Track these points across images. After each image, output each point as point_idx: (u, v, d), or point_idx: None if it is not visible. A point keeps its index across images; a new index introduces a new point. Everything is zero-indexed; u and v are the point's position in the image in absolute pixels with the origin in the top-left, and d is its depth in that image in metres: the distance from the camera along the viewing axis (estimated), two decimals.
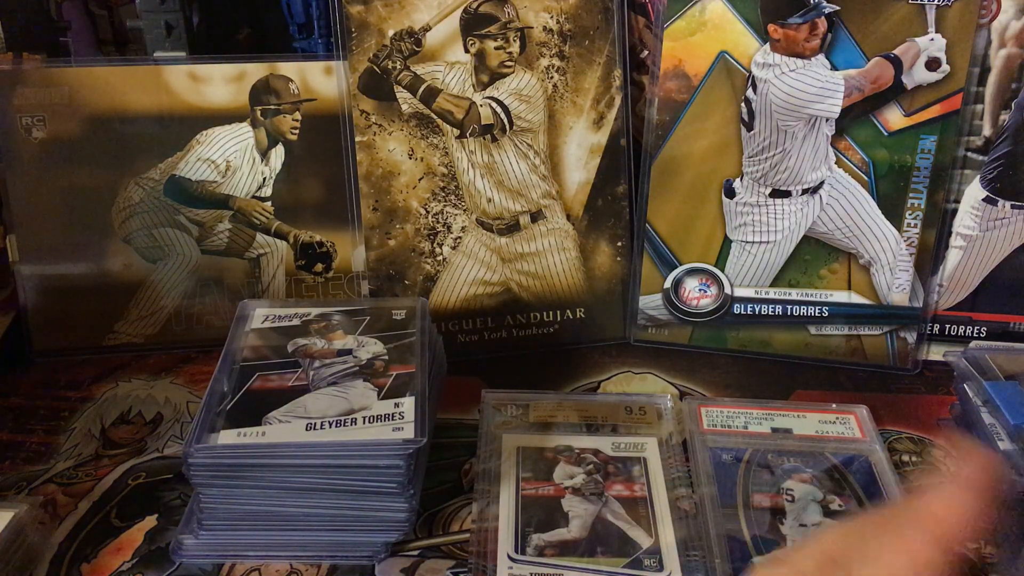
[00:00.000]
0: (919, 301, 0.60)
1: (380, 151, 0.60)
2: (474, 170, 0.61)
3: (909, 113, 0.58)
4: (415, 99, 0.59)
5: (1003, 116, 0.57)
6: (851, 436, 0.52)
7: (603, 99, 0.61)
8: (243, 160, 0.61)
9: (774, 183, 0.60)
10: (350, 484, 0.43)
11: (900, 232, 0.60)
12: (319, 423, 0.43)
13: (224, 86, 0.60)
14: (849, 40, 0.57)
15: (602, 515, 0.45)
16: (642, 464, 0.49)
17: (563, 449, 0.50)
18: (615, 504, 0.46)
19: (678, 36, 0.59)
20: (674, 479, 0.48)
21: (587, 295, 0.63)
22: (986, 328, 0.61)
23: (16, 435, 0.54)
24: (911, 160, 0.58)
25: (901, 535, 0.30)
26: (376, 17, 0.59)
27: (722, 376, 0.60)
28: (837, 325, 0.61)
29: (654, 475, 0.48)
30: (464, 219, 0.61)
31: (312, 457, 0.42)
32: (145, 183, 0.61)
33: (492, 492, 0.47)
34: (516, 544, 0.44)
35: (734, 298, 0.62)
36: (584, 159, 0.62)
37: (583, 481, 0.48)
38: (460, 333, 0.62)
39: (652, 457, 0.50)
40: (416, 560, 0.44)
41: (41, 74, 0.59)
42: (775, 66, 0.58)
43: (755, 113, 0.59)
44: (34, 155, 0.59)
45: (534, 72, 0.60)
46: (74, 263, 0.61)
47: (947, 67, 0.57)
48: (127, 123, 0.60)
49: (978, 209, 0.59)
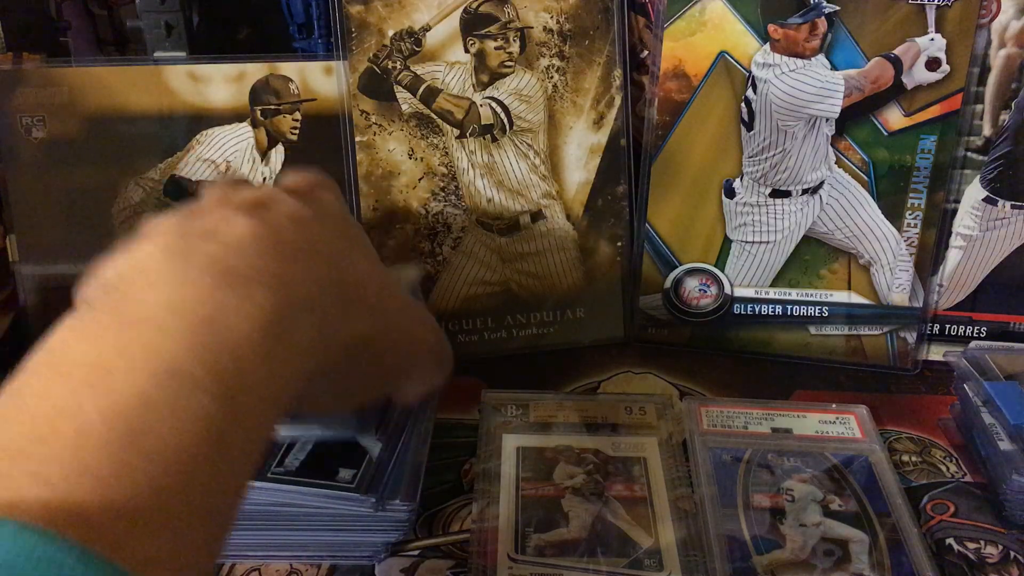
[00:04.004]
0: (919, 301, 0.60)
1: (380, 151, 0.60)
2: (474, 170, 0.61)
3: (909, 113, 0.58)
4: (415, 99, 0.59)
5: (1003, 116, 0.57)
6: (851, 436, 0.52)
7: (603, 99, 0.61)
8: (243, 160, 0.61)
9: (774, 183, 0.60)
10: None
11: (900, 232, 0.60)
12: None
13: (224, 86, 0.60)
14: (849, 40, 0.57)
15: (602, 515, 0.46)
16: (642, 464, 0.49)
17: (563, 449, 0.50)
18: (615, 504, 0.46)
19: (678, 36, 0.59)
20: (674, 479, 0.48)
21: (587, 295, 0.63)
22: (986, 328, 0.61)
23: None
24: (911, 160, 0.58)
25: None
26: (376, 17, 0.59)
27: (722, 376, 0.60)
28: (837, 325, 0.61)
29: (654, 475, 0.48)
30: (464, 219, 0.61)
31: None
32: (145, 183, 0.61)
33: (492, 492, 0.47)
34: (516, 544, 0.44)
35: (734, 298, 0.62)
36: (584, 159, 0.62)
37: (583, 481, 0.48)
38: (460, 333, 0.62)
39: (652, 457, 0.50)
40: (416, 560, 0.44)
41: (41, 74, 0.59)
42: (775, 66, 0.58)
43: (755, 113, 0.59)
44: (34, 155, 0.59)
45: (534, 72, 0.60)
46: (74, 263, 0.61)
47: (947, 67, 0.57)
48: (127, 123, 0.60)
49: (978, 209, 0.59)
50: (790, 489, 0.48)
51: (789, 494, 0.47)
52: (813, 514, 0.46)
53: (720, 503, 0.46)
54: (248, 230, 0.30)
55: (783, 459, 0.50)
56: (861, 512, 0.46)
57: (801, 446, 0.51)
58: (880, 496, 0.47)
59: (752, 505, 0.46)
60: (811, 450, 0.50)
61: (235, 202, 0.32)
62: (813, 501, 0.47)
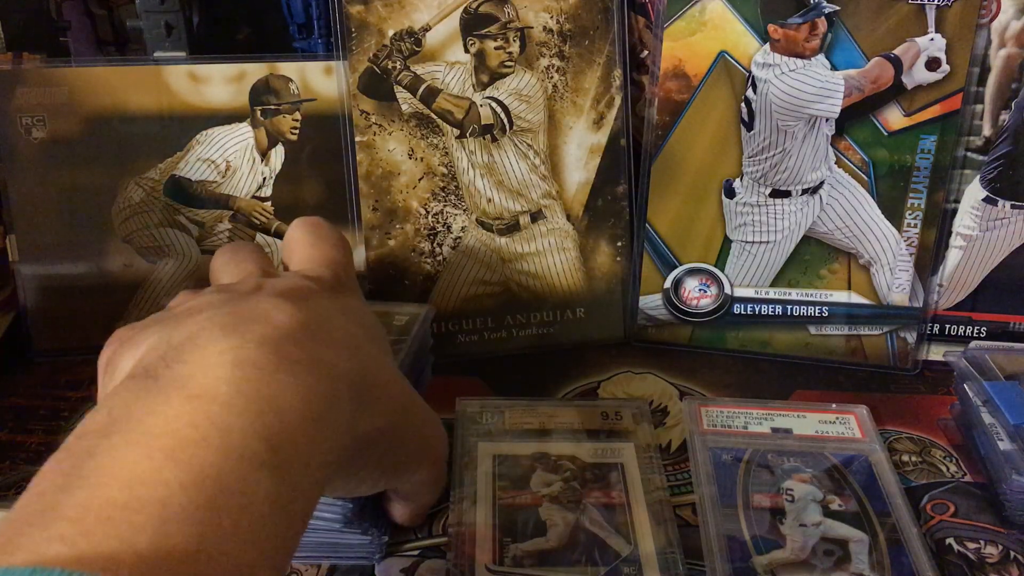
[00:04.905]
0: (919, 301, 0.60)
1: (380, 151, 0.60)
2: (474, 170, 0.61)
3: (909, 113, 0.58)
4: (415, 99, 0.59)
5: (1003, 116, 0.57)
6: (851, 436, 0.52)
7: (603, 99, 0.61)
8: (243, 160, 0.61)
9: (774, 183, 0.60)
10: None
11: (900, 232, 0.60)
12: None
13: (224, 86, 0.60)
14: (849, 40, 0.57)
15: (580, 523, 0.45)
16: (619, 470, 0.49)
17: (539, 456, 0.50)
18: (593, 511, 0.46)
19: (678, 36, 0.59)
20: (650, 479, 0.48)
21: (587, 295, 0.63)
22: (986, 328, 0.61)
23: (16, 435, 0.54)
24: (911, 160, 0.58)
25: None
26: (376, 17, 0.59)
27: (722, 376, 0.60)
28: (837, 325, 0.61)
29: (632, 481, 0.48)
30: (464, 219, 0.61)
31: None
32: (145, 183, 0.61)
33: (468, 501, 0.46)
34: (494, 554, 0.43)
35: (734, 298, 0.62)
36: (584, 159, 0.62)
37: (560, 488, 0.47)
38: (460, 333, 0.62)
39: (629, 463, 0.49)
40: (416, 560, 0.44)
41: (41, 74, 0.59)
42: (775, 66, 0.58)
43: (755, 113, 0.59)
44: (34, 155, 0.59)
45: (534, 72, 0.60)
46: (74, 263, 0.61)
47: (947, 67, 0.57)
48: (127, 123, 0.60)
49: (978, 209, 0.59)
50: (790, 489, 0.48)
51: (789, 494, 0.47)
52: (813, 514, 0.46)
53: (720, 503, 0.46)
54: (296, 318, 0.32)
55: (783, 459, 0.50)
56: (861, 512, 0.46)
57: (801, 446, 0.51)
58: (880, 496, 0.47)
59: (752, 505, 0.46)
60: (811, 450, 0.50)
61: (278, 289, 0.34)
62: (813, 501, 0.47)
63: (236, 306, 0.33)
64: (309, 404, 0.29)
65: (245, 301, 0.33)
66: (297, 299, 0.34)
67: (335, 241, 0.42)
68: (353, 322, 0.36)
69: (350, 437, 0.32)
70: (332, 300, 0.37)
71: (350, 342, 0.34)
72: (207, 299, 0.34)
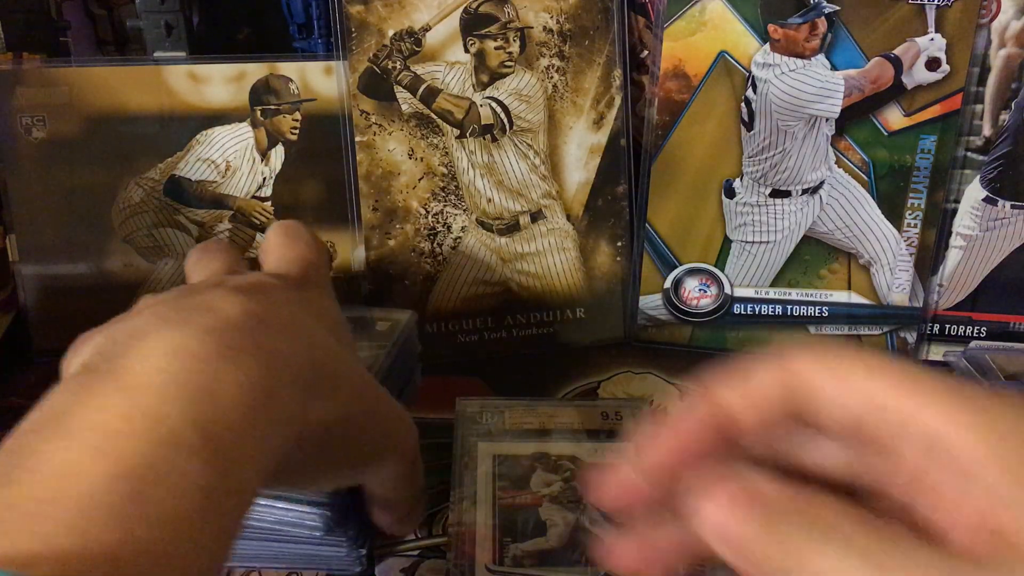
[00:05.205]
0: (919, 301, 0.60)
1: (380, 151, 0.60)
2: (474, 170, 0.61)
3: (909, 113, 0.58)
4: (415, 99, 0.59)
5: (1003, 116, 0.57)
6: None
7: (603, 99, 0.61)
8: (243, 160, 0.61)
9: (774, 183, 0.60)
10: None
11: (900, 232, 0.60)
12: None
13: (224, 86, 0.60)
14: (849, 40, 0.57)
15: (580, 523, 0.45)
16: None
17: (539, 456, 0.50)
18: (594, 512, 0.46)
19: (678, 36, 0.59)
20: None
21: (587, 295, 0.63)
22: (986, 328, 0.61)
23: None
24: (911, 160, 0.58)
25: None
26: (376, 17, 0.59)
27: None
28: (837, 325, 0.62)
29: None
30: (464, 219, 0.61)
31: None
32: (145, 183, 0.61)
33: (468, 501, 0.46)
34: (494, 555, 0.43)
35: (734, 298, 0.62)
36: (584, 159, 0.62)
37: (560, 488, 0.47)
38: (460, 333, 0.62)
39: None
40: (416, 560, 0.44)
41: (41, 74, 0.59)
42: (775, 66, 0.58)
43: (755, 113, 0.59)
44: (34, 155, 0.59)
45: (534, 72, 0.60)
46: (74, 263, 0.61)
47: (947, 67, 0.57)
48: (127, 123, 0.60)
49: (978, 209, 0.59)
50: None
51: None
52: None
53: None
54: (245, 308, 0.32)
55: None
56: None
57: None
58: None
59: None
60: None
61: (235, 284, 0.34)
62: None
63: (184, 300, 0.32)
64: (249, 392, 0.29)
65: (196, 295, 0.33)
66: (251, 292, 0.33)
67: (308, 240, 0.41)
68: (311, 315, 0.36)
69: (300, 426, 0.32)
70: (292, 294, 0.36)
71: (303, 333, 0.34)
72: (161, 297, 0.34)
